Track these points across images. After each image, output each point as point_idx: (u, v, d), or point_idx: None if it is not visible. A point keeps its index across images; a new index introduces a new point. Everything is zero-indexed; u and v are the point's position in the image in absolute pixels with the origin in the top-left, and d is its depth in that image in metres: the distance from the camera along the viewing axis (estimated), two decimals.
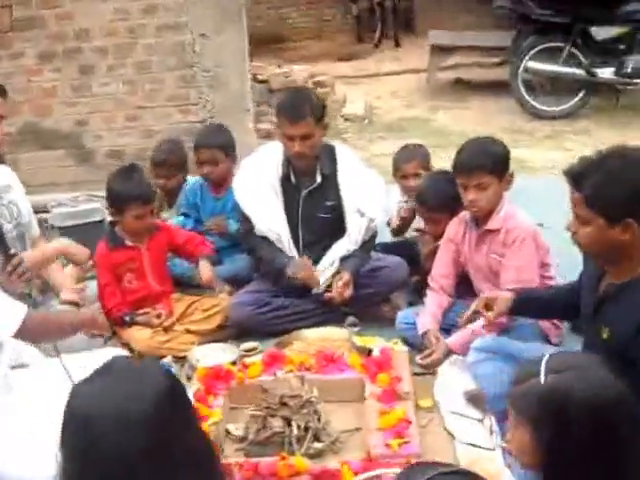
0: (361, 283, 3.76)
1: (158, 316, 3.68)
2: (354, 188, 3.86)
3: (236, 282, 4.10)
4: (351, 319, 3.83)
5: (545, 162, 6.21)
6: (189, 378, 3.45)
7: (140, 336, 3.62)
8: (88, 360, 3.24)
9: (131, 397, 1.52)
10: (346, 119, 8.01)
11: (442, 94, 8.81)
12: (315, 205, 3.87)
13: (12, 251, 3.24)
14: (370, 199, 3.87)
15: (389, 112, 8.36)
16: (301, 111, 3.69)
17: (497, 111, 7.97)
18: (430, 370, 3.28)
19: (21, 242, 3.45)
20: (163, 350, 3.61)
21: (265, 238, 3.85)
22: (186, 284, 4.07)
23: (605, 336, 2.57)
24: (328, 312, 3.84)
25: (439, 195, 3.70)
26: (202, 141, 4.36)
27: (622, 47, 7.50)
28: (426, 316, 3.52)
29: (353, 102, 8.43)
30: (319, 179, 3.86)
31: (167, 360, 3.56)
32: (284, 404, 2.93)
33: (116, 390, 1.54)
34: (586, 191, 2.43)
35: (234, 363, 3.43)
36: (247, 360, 3.44)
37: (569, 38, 7.50)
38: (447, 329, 3.46)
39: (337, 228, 3.93)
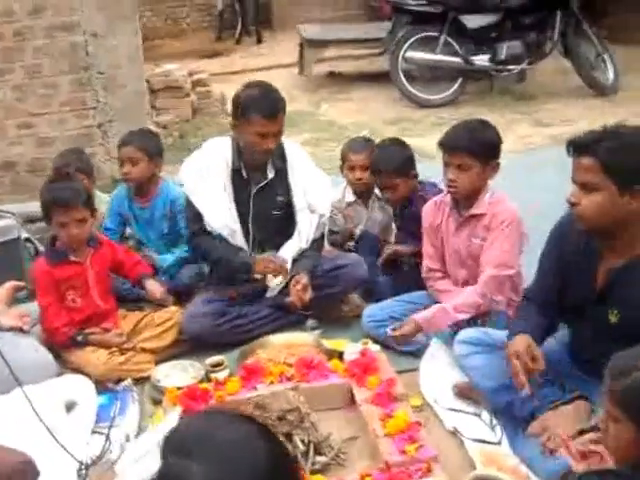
0: (322, 283, 3.65)
1: (119, 334, 3.43)
2: (304, 184, 3.76)
3: (178, 293, 3.90)
4: (311, 322, 3.73)
5: None
6: (156, 402, 3.25)
7: (97, 359, 3.35)
8: (49, 389, 3.03)
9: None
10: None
11: (321, 87, 8.79)
12: (266, 201, 3.73)
13: None
14: (319, 195, 3.78)
15: None
16: (276, 107, 3.56)
17: (382, 102, 8.04)
18: (400, 344, 3.29)
19: None
20: (121, 373, 3.36)
21: (217, 238, 3.68)
22: (133, 300, 3.82)
23: (614, 320, 2.59)
24: (285, 317, 3.71)
25: (392, 160, 3.74)
26: (125, 139, 4.17)
27: (494, 35, 7.75)
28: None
29: None
30: (271, 175, 3.72)
31: (127, 383, 3.32)
32: (283, 419, 2.78)
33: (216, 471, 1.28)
34: (602, 156, 2.45)
35: (202, 381, 3.25)
36: (214, 375, 3.27)
37: (443, 27, 7.67)
38: None
39: (288, 225, 3.81)
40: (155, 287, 3.65)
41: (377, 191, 4.06)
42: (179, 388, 3.14)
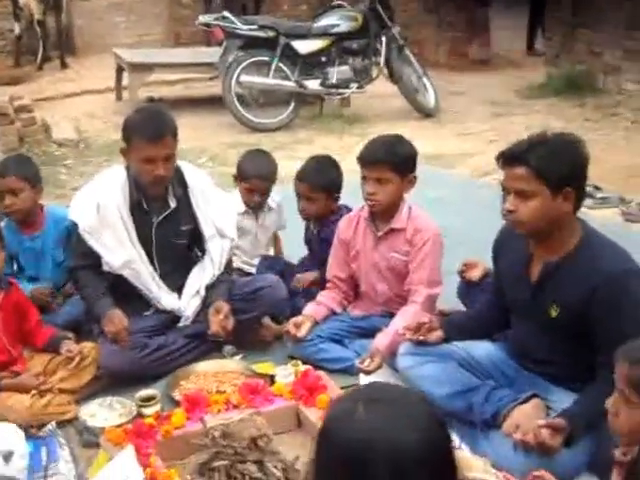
0: (240, 307, 3.55)
1: (34, 376, 3.14)
2: (209, 209, 3.63)
3: (77, 326, 3.68)
4: (228, 348, 3.63)
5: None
6: (86, 444, 3.01)
7: (19, 405, 3.04)
8: None
9: (406, 427, 1.40)
10: (60, 144, 7.42)
11: None
12: (170, 232, 3.57)
13: None
14: (226, 219, 3.68)
15: (100, 134, 7.89)
16: (162, 129, 3.38)
17: (214, 127, 7.98)
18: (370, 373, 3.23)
19: None
20: (44, 417, 3.08)
21: (94, 278, 3.49)
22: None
23: (554, 313, 2.75)
24: (202, 345, 3.58)
25: (321, 175, 3.79)
26: (1, 169, 3.80)
27: (324, 59, 7.97)
28: (313, 305, 3.57)
29: (56, 126, 7.85)
30: (173, 204, 3.55)
31: (51, 427, 3.05)
32: (253, 446, 2.68)
33: (390, 420, 1.41)
34: (534, 164, 2.61)
35: (135, 417, 3.06)
36: (145, 411, 3.09)
37: (275, 52, 7.78)
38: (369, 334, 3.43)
39: (190, 253, 3.71)
40: (67, 346, 3.34)
41: (270, 201, 4.09)
42: (118, 426, 2.94)
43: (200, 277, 3.62)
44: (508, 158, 2.71)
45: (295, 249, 4.27)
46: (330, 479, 1.43)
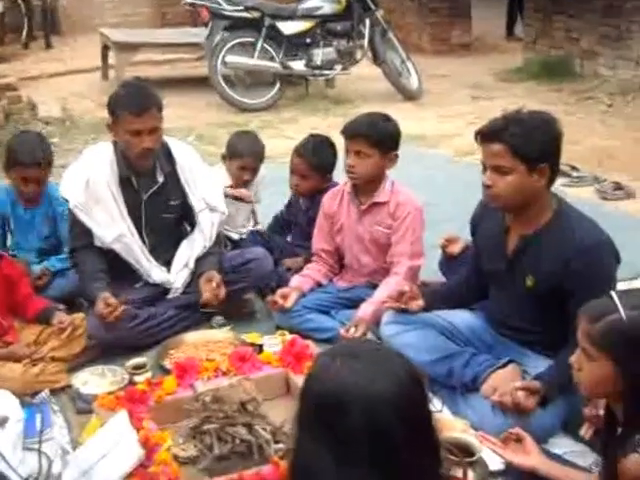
0: (230, 279, 3.65)
1: (25, 345, 3.23)
2: (198, 184, 3.72)
3: (69, 298, 3.77)
4: (218, 319, 3.72)
5: (286, 150, 6.46)
6: (80, 411, 3.11)
7: (12, 373, 3.13)
8: None
9: (380, 378, 1.49)
10: (46, 122, 7.45)
11: None
12: (159, 206, 3.65)
13: None
14: (215, 193, 3.78)
15: (86, 113, 7.94)
16: (146, 102, 3.45)
17: (202, 107, 8.05)
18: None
19: None
20: (38, 384, 3.17)
21: (91, 259, 3.56)
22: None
23: (530, 283, 2.88)
24: (192, 316, 3.68)
25: (320, 155, 3.89)
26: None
27: (308, 41, 8.04)
28: (299, 277, 3.68)
29: (43, 105, 7.88)
30: (161, 179, 3.64)
31: (45, 395, 3.14)
32: (242, 409, 2.79)
33: (365, 372, 1.50)
34: (510, 141, 2.72)
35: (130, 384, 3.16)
36: (136, 378, 3.19)
37: (260, 33, 7.84)
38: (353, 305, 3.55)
39: (180, 228, 3.80)
40: (59, 317, 3.43)
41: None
42: (110, 393, 3.04)
43: (189, 249, 3.71)
44: (485, 135, 2.82)
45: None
46: (309, 432, 1.51)
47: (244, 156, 4.10)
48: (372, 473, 1.45)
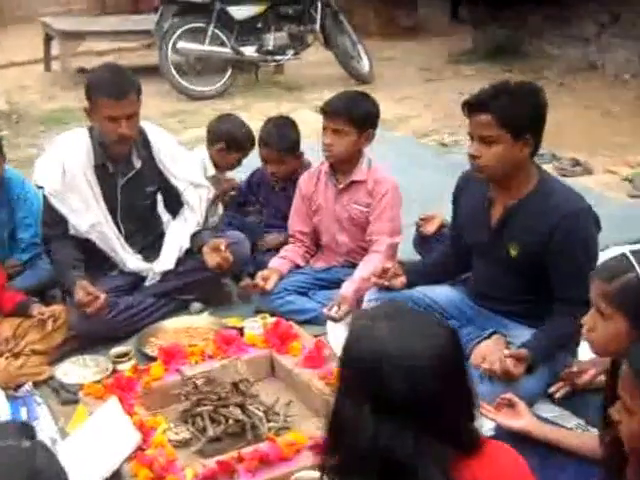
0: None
1: (6, 340, 3.16)
2: (177, 166, 3.68)
3: (41, 290, 3.71)
4: (196, 305, 3.72)
5: None
6: (65, 402, 3.07)
7: None
8: None
9: (419, 339, 1.56)
10: None
11: (80, 84, 8.39)
12: (134, 193, 3.62)
13: None
14: (195, 170, 3.78)
15: (32, 105, 7.77)
16: (125, 87, 3.40)
17: (151, 95, 7.87)
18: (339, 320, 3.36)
19: None
20: (20, 377, 3.13)
21: (65, 248, 3.51)
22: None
23: (514, 252, 2.93)
24: (170, 303, 3.66)
25: (284, 138, 3.89)
26: None
27: (260, 26, 7.98)
28: (277, 259, 3.68)
29: None
30: (138, 164, 3.59)
31: (28, 388, 3.10)
32: (235, 390, 2.79)
33: (405, 332, 1.57)
34: (497, 111, 2.77)
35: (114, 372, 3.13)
36: (120, 366, 3.16)
37: (211, 18, 7.75)
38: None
39: (154, 215, 3.79)
40: (34, 310, 3.37)
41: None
42: (97, 382, 3.01)
43: (181, 229, 3.69)
44: (473, 106, 2.85)
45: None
46: (351, 392, 1.57)
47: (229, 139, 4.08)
48: (407, 426, 1.51)
